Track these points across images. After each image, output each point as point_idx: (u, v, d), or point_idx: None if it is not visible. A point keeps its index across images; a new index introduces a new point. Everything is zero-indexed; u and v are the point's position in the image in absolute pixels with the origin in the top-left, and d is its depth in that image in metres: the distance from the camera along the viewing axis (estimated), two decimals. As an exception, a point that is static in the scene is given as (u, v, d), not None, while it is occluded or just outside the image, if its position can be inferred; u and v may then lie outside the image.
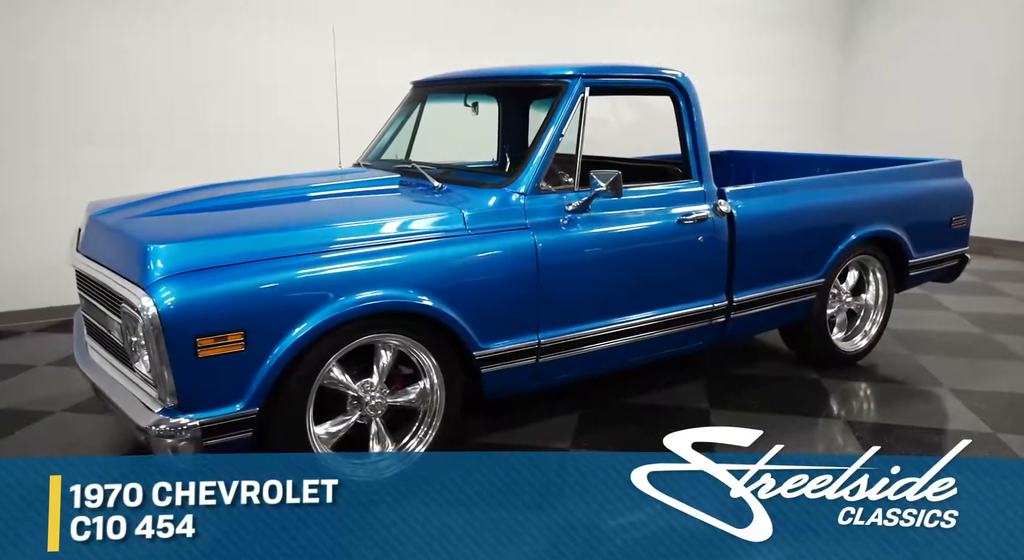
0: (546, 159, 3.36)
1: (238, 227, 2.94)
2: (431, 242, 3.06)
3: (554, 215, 3.34)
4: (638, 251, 3.54)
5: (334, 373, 2.96)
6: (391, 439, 3.15)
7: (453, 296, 3.05)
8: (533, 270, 3.22)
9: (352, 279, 2.84)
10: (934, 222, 4.66)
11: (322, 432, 2.98)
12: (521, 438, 3.60)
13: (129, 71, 5.21)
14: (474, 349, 3.14)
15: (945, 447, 2.84)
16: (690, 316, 3.74)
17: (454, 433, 3.26)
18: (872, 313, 4.61)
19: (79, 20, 5.06)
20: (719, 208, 3.74)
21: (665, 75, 3.73)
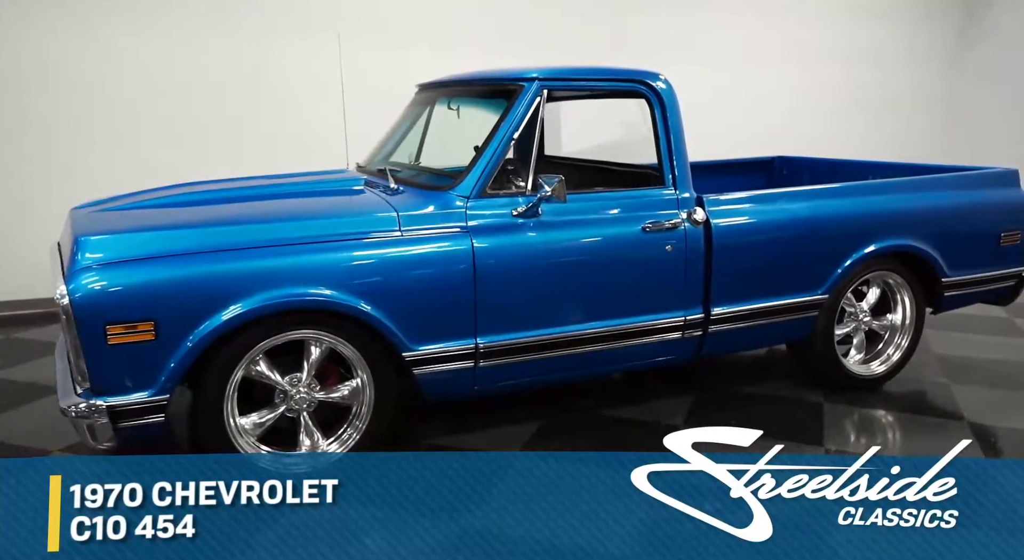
0: (494, 163, 3.34)
1: (172, 222, 3.11)
2: (359, 243, 3.11)
3: (500, 219, 3.31)
4: (593, 258, 3.44)
5: (260, 366, 3.06)
6: (321, 435, 3.23)
7: (379, 296, 3.08)
8: (469, 274, 3.21)
9: (266, 276, 2.93)
10: (976, 238, 4.25)
11: (247, 423, 3.09)
12: (470, 442, 3.59)
13: (137, 76, 5.52)
14: (403, 350, 3.16)
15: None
16: (658, 328, 3.60)
17: (384, 432, 3.28)
18: (896, 336, 4.26)
19: (91, 27, 5.40)
20: (693, 216, 3.58)
21: (636, 78, 3.61)
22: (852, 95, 7.87)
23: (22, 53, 5.31)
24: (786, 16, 7.59)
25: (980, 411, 3.94)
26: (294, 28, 5.88)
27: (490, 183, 3.33)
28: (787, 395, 4.16)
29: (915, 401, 4.10)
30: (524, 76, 3.44)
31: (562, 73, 3.51)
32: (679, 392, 4.15)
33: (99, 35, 5.45)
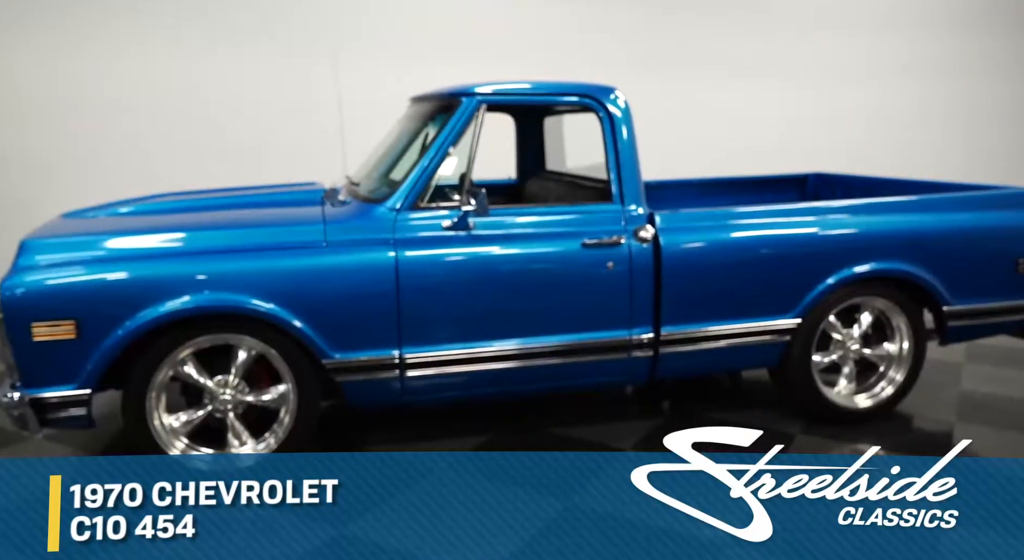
0: (426, 177, 3.37)
1: (110, 229, 3.34)
2: (282, 252, 3.22)
3: (429, 232, 3.34)
4: (526, 273, 3.41)
5: (187, 368, 3.22)
6: (251, 435, 3.35)
7: (298, 304, 3.18)
8: (392, 285, 3.25)
9: (184, 282, 3.09)
10: (987, 263, 3.90)
11: (173, 422, 3.26)
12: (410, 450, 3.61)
13: (137, 94, 5.86)
14: (324, 357, 3.24)
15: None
16: (598, 347, 3.51)
17: (308, 436, 3.37)
18: (892, 368, 3.95)
19: (97, 50, 5.77)
20: (639, 233, 3.48)
21: (584, 93, 3.56)
22: (923, 110, 7.36)
23: (39, 72, 5.74)
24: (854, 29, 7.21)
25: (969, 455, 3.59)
26: (295, 46, 6.11)
27: (422, 197, 3.37)
28: (759, 424, 3.90)
29: (900, 440, 3.78)
30: (465, 92, 3.47)
31: (504, 89, 3.51)
32: (643, 415, 4.03)
33: (111, 55, 5.82)
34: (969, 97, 7.48)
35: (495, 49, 6.54)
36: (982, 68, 7.47)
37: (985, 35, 7.47)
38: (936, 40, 7.37)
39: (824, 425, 3.89)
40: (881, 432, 3.83)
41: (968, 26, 7.38)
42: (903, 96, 7.34)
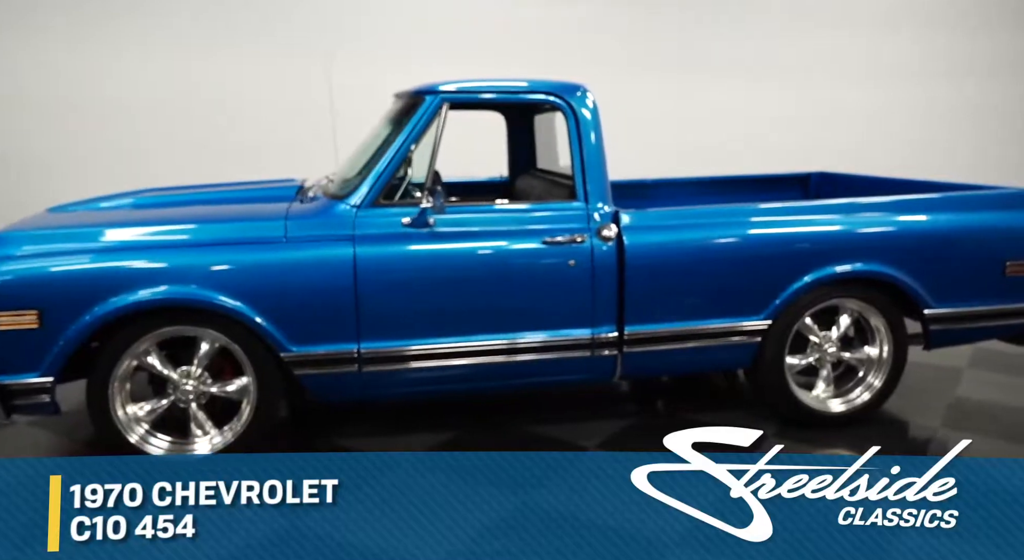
0: (387, 174, 3.40)
1: (82, 222, 3.43)
2: (242, 247, 3.28)
3: (389, 229, 3.36)
4: (485, 270, 3.41)
5: (151, 358, 3.31)
6: (214, 426, 3.43)
7: (257, 298, 3.24)
8: (350, 281, 3.29)
9: (145, 275, 3.17)
10: (972, 266, 3.78)
11: (138, 411, 3.34)
12: (373, 446, 3.65)
13: (137, 94, 5.99)
14: (282, 350, 3.30)
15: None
16: (560, 345, 3.50)
17: (268, 428, 3.43)
18: (871, 372, 3.86)
19: (101, 52, 5.94)
20: (601, 232, 3.46)
21: (549, 91, 3.56)
22: (931, 109, 7.15)
23: (40, 72, 5.94)
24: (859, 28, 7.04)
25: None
26: (293, 46, 6.20)
27: (384, 193, 3.39)
28: (732, 425, 3.87)
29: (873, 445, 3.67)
30: (428, 90, 3.48)
31: (467, 88, 3.52)
32: (617, 415, 4.00)
33: (111, 55, 6.00)
34: (978, 96, 7.24)
35: (494, 48, 6.57)
36: (990, 67, 7.23)
37: (992, 33, 7.23)
38: (943, 38, 7.16)
39: (799, 429, 3.81)
40: (857, 437, 3.74)
41: (976, 24, 7.15)
42: (911, 95, 7.15)
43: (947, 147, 7.13)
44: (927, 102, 7.25)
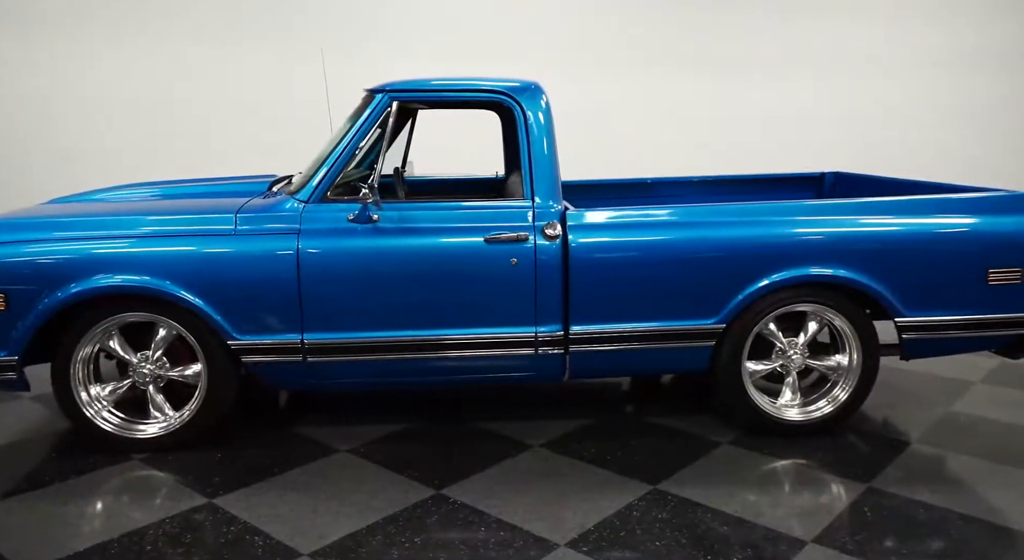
0: (335, 170, 3.50)
1: (55, 213, 3.66)
2: (192, 238, 3.44)
3: (334, 224, 3.46)
4: (426, 266, 3.45)
5: (111, 342, 3.52)
6: (171, 408, 3.61)
7: (204, 287, 3.39)
8: (294, 273, 3.40)
9: (99, 263, 3.36)
10: (950, 273, 3.57)
11: (99, 391, 3.56)
12: (324, 435, 3.75)
13: (132, 90, 6.24)
14: (229, 338, 3.44)
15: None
16: (503, 342, 3.51)
17: (220, 413, 3.58)
18: (840, 381, 3.71)
19: (92, 46, 6.18)
20: (545, 231, 3.45)
21: (495, 89, 3.57)
22: (966, 106, 6.73)
23: (50, 70, 6.27)
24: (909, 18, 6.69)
25: (907, 480, 3.31)
26: (288, 45, 6.37)
27: (331, 189, 3.49)
28: (688, 430, 3.80)
29: (832, 456, 3.53)
30: (378, 88, 3.56)
31: (415, 85, 3.57)
32: (577, 415, 3.98)
33: (116, 54, 6.30)
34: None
35: (496, 47, 6.58)
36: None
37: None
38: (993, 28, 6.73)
39: (763, 437, 3.70)
40: (815, 447, 3.60)
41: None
42: (949, 91, 6.76)
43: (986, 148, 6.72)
44: (966, 97, 6.84)
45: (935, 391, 4.35)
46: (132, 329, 3.56)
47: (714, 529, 2.90)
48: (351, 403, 4.15)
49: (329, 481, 3.29)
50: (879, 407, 4.12)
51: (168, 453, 3.55)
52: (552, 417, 3.95)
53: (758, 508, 3.06)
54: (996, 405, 4.13)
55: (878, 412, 4.07)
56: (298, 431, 3.81)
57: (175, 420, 3.57)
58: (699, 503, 3.10)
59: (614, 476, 3.33)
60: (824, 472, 3.38)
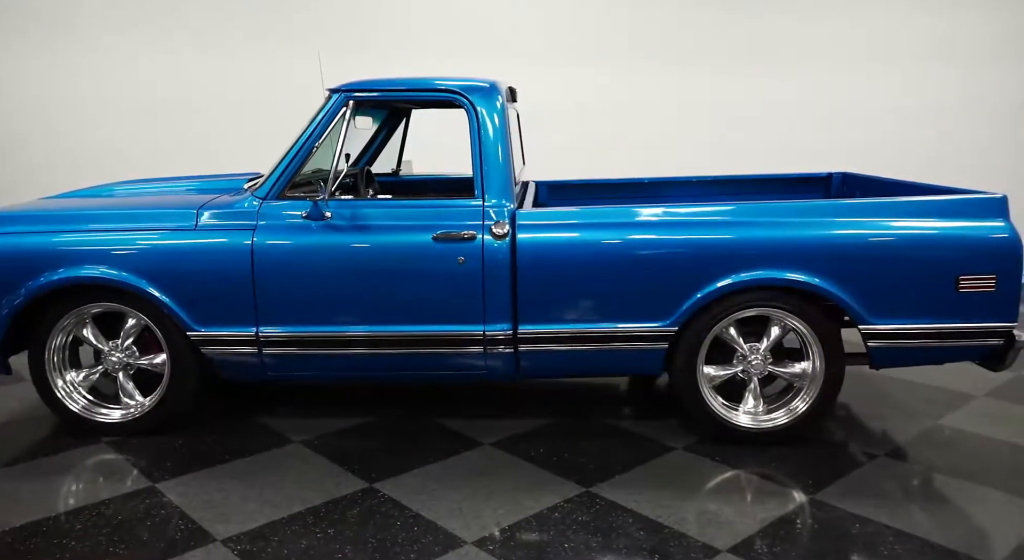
0: (292, 168, 3.58)
1: (40, 208, 3.86)
2: (155, 233, 3.58)
3: (289, 220, 3.55)
4: (376, 262, 3.50)
5: (85, 331, 3.70)
6: (140, 394, 3.77)
7: (165, 280, 3.53)
8: (248, 268, 3.51)
9: (66, 256, 3.53)
10: (917, 280, 3.41)
11: (74, 377, 3.75)
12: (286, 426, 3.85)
13: (133, 92, 6.45)
14: (188, 330, 3.57)
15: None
16: (451, 339, 3.54)
17: (184, 401, 3.72)
18: (803, 389, 3.60)
19: (95, 49, 6.42)
20: (493, 229, 3.46)
21: (449, 88, 3.59)
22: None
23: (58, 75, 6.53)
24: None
25: (856, 493, 3.19)
26: (288, 44, 6.51)
27: (288, 187, 3.58)
28: (646, 434, 3.74)
29: (786, 467, 3.41)
30: (336, 88, 3.63)
31: (370, 85, 3.62)
32: (537, 415, 3.97)
33: (122, 57, 6.54)
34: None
35: (501, 45, 6.57)
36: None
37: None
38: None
39: (723, 444, 3.61)
40: (774, 456, 3.50)
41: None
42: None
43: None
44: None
45: (928, 403, 4.17)
46: (113, 319, 3.72)
47: (630, 534, 2.86)
48: (322, 395, 4.24)
49: (271, 470, 3.38)
50: (862, 417, 3.99)
51: (135, 437, 3.70)
52: (515, 416, 3.95)
53: (684, 514, 3.00)
54: (989, 420, 3.92)
55: (859, 422, 3.94)
56: (263, 421, 3.92)
57: (139, 407, 3.72)
58: (626, 507, 3.05)
59: (552, 477, 3.32)
60: (772, 482, 3.28)
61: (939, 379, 4.44)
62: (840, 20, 6.53)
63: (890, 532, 2.87)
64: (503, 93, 3.67)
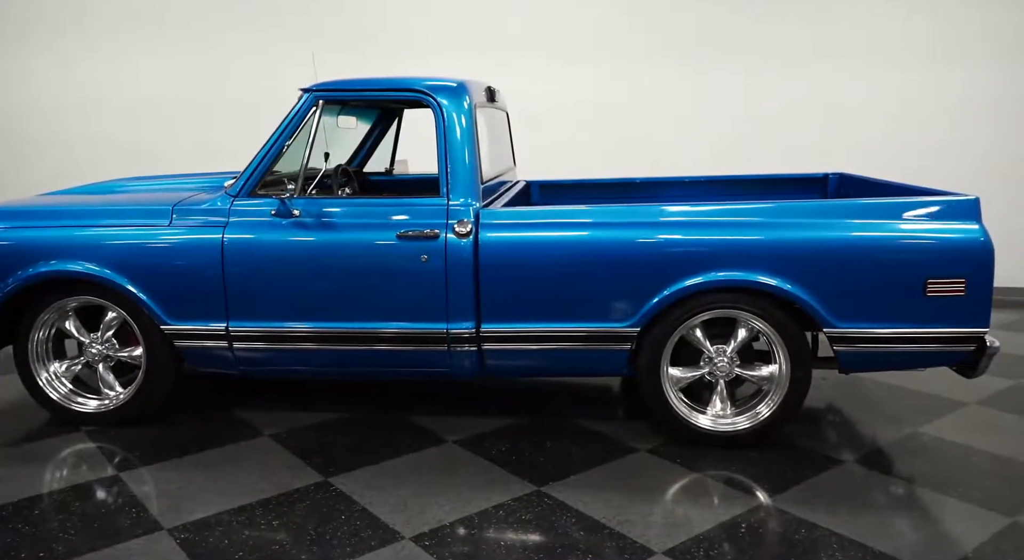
0: (263, 167, 3.66)
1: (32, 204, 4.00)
2: (131, 230, 3.68)
3: (258, 218, 3.63)
4: (341, 260, 3.54)
5: (67, 324, 3.83)
6: (120, 385, 3.89)
7: (139, 275, 3.63)
8: (218, 264, 3.59)
9: (46, 250, 3.66)
10: (884, 283, 3.34)
11: (58, 368, 3.88)
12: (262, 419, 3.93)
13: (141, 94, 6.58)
14: (161, 323, 3.67)
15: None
16: (416, 337, 3.57)
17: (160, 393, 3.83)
18: (770, 392, 3.55)
19: (100, 51, 6.59)
20: (456, 228, 3.49)
21: (414, 88, 3.62)
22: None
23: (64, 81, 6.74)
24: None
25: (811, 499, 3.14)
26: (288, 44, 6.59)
27: (259, 185, 3.66)
28: (613, 435, 3.73)
29: (751, 473, 3.35)
30: (307, 88, 3.69)
31: (338, 85, 3.68)
32: (506, 413, 3.98)
33: (123, 61, 6.73)
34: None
35: (506, 43, 6.57)
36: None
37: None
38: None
39: (691, 447, 3.58)
40: (738, 460, 3.46)
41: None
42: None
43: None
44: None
45: (915, 409, 4.08)
46: (96, 312, 3.84)
47: (569, 534, 2.86)
48: (303, 391, 4.32)
49: (235, 462, 3.46)
50: (841, 422, 3.93)
51: (114, 428, 3.82)
52: (486, 415, 3.97)
53: (629, 516, 2.99)
54: (974, 429, 3.82)
55: (837, 427, 3.87)
56: (239, 414, 4.00)
57: (115, 398, 3.84)
58: (572, 507, 3.05)
59: (506, 475, 3.33)
60: (729, 486, 3.24)
61: (934, 386, 4.34)
62: (846, 19, 6.41)
63: (835, 539, 2.82)
64: (472, 93, 3.69)
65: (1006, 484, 3.25)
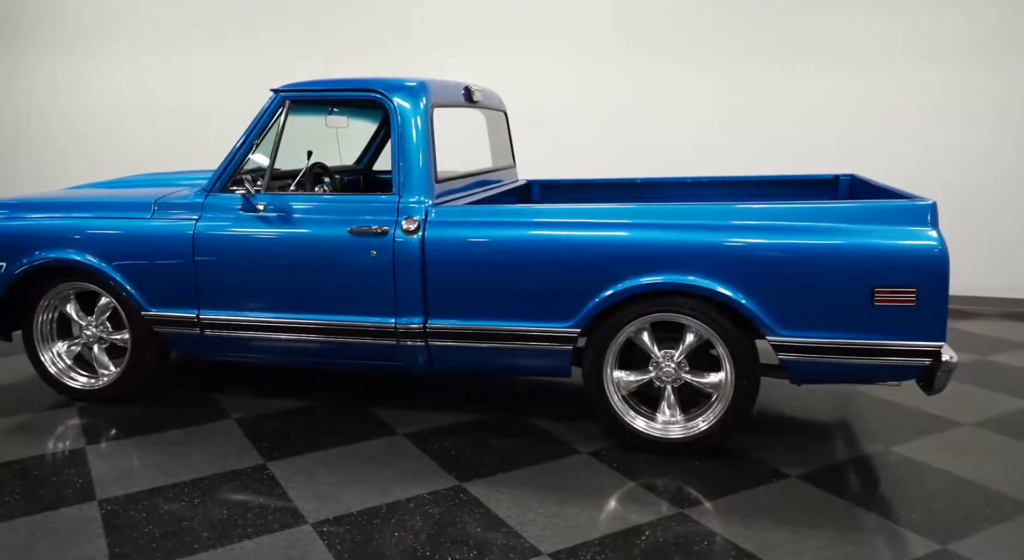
0: (235, 164, 3.85)
1: (35, 197, 4.34)
2: (120, 221, 3.95)
3: (227, 212, 3.82)
4: (296, 253, 3.69)
5: (68, 308, 4.14)
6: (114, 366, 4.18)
7: (122, 264, 3.91)
8: (189, 255, 3.82)
9: (40, 240, 3.98)
10: (830, 291, 3.21)
11: (59, 348, 4.20)
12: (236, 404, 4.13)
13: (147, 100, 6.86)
14: (142, 309, 3.93)
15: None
16: (365, 330, 3.67)
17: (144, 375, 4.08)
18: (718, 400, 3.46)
19: (103, 60, 6.94)
20: (403, 225, 3.57)
21: (371, 88, 3.73)
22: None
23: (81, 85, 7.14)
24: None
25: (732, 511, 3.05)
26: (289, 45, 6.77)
27: (231, 181, 3.85)
28: (562, 435, 3.72)
29: (681, 480, 3.29)
30: (276, 89, 3.85)
31: (302, 86, 3.82)
32: (463, 410, 4.03)
33: (129, 65, 7.10)
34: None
35: (514, 43, 6.54)
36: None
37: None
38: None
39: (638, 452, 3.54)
40: (674, 467, 3.39)
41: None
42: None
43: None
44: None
45: (898, 427, 3.87)
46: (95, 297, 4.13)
47: (466, 530, 2.89)
48: (286, 379, 4.49)
49: (191, 442, 3.66)
50: (806, 435, 3.78)
51: (104, 404, 4.11)
52: (445, 409, 4.04)
53: (534, 516, 2.99)
54: (950, 451, 3.59)
55: (798, 439, 3.73)
56: (217, 398, 4.22)
57: (102, 377, 4.12)
58: (483, 504, 3.08)
59: (436, 470, 3.39)
60: (652, 493, 3.19)
61: (937, 405, 4.09)
62: (865, 18, 6.10)
63: (736, 553, 2.73)
64: (432, 94, 3.76)
65: (954, 510, 3.06)
